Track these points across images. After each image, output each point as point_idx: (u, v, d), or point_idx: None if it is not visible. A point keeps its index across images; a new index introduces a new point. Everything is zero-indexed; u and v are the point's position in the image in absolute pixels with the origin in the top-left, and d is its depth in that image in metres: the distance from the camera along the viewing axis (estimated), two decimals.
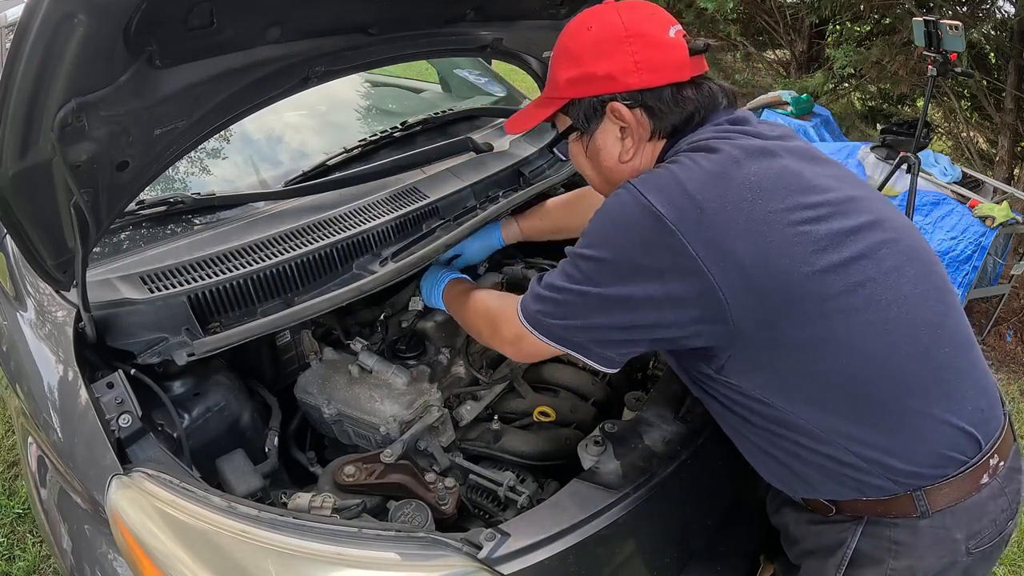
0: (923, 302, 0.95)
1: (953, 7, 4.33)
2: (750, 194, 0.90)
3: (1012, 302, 3.57)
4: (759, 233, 0.88)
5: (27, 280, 1.38)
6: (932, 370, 0.95)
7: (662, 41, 1.00)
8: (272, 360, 1.51)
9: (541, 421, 1.54)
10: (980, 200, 3.28)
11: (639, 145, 1.05)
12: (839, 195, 0.96)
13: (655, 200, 0.90)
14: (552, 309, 1.00)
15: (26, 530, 2.23)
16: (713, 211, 0.88)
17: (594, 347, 1.00)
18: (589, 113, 1.06)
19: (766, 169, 0.93)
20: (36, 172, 0.95)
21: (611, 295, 0.93)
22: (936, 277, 1.00)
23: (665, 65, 1.00)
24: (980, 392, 1.00)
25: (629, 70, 1.00)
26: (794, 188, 0.93)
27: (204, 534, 0.95)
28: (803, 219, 0.90)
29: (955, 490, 0.97)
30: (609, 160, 1.08)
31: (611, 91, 1.02)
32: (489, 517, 1.33)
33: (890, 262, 0.94)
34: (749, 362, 0.95)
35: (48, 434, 1.18)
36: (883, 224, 0.97)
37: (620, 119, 1.03)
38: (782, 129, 1.08)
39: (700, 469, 1.28)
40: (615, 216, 0.95)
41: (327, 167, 1.66)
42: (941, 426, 0.95)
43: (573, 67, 1.04)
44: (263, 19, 1.13)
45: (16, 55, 0.80)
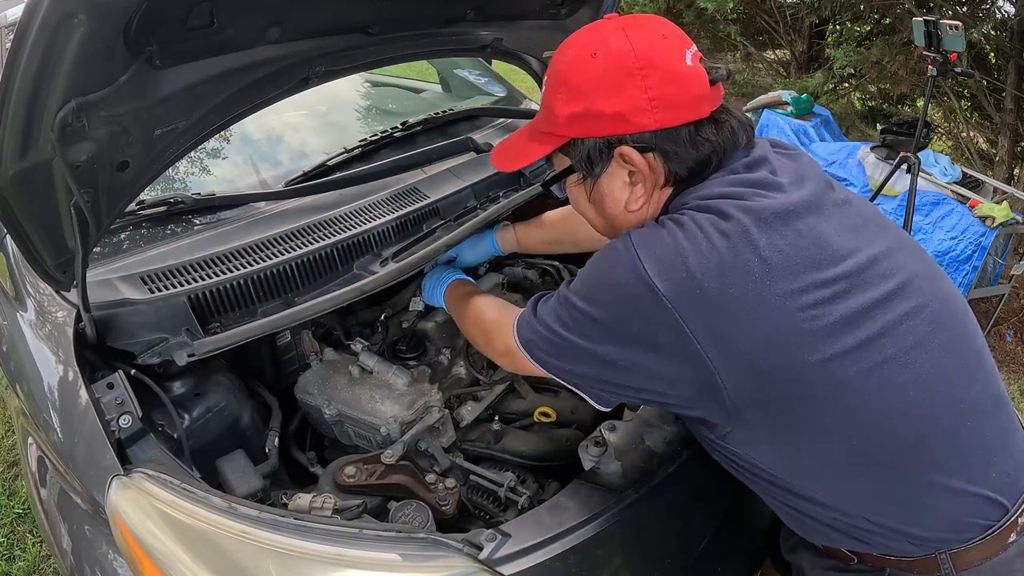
0: (946, 375, 0.88)
1: (953, 7, 4.33)
2: (759, 274, 0.80)
3: (1012, 302, 3.57)
4: (766, 320, 0.80)
5: (27, 280, 1.38)
6: (952, 447, 0.88)
7: (679, 72, 0.86)
8: (272, 360, 1.51)
9: (542, 422, 1.54)
10: (980, 200, 3.28)
11: (650, 192, 0.93)
12: (860, 260, 0.86)
13: (652, 272, 0.81)
14: (544, 345, 0.94)
15: (26, 530, 2.23)
16: (715, 292, 0.79)
17: (583, 386, 0.95)
18: (594, 156, 0.92)
19: (780, 241, 0.83)
20: (36, 172, 0.95)
21: (602, 354, 0.86)
22: (962, 342, 0.91)
23: (683, 101, 0.87)
24: (1007, 456, 0.93)
25: (642, 108, 0.86)
26: (809, 262, 0.83)
27: (204, 535, 0.95)
28: (817, 301, 0.81)
29: (981, 552, 0.91)
30: (614, 208, 0.96)
31: (620, 132, 0.88)
32: (490, 518, 1.33)
33: (912, 338, 0.85)
34: (751, 438, 0.89)
35: (48, 434, 1.18)
36: (908, 288, 0.87)
37: (630, 163, 0.90)
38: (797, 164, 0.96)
39: (701, 470, 1.28)
40: (610, 276, 0.86)
41: (327, 167, 1.66)
42: (960, 497, 0.89)
43: (575, 102, 0.90)
44: (263, 19, 1.13)
45: (16, 55, 0.80)
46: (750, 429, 0.87)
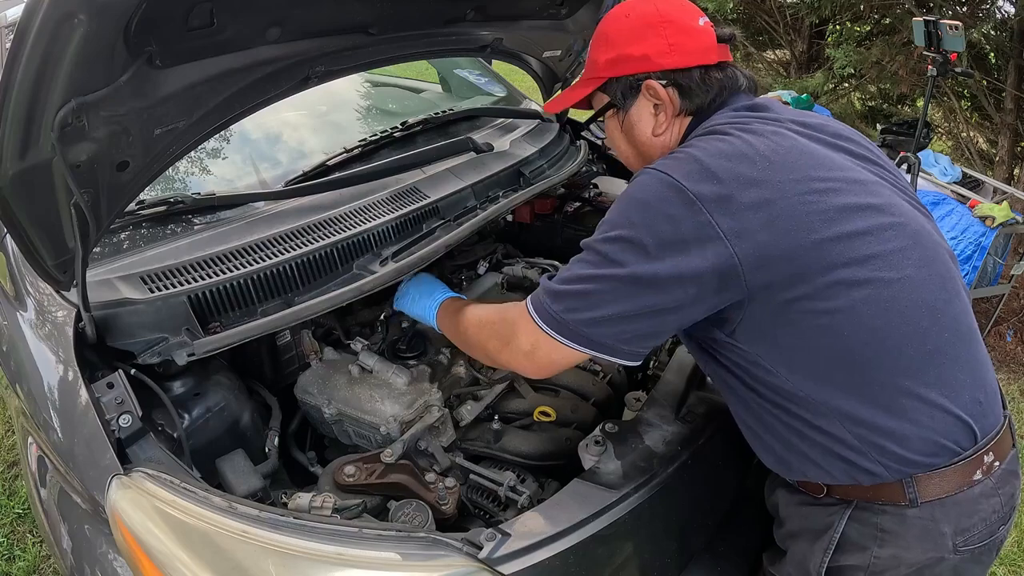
0: (926, 285, 0.97)
1: (953, 7, 4.33)
2: (760, 166, 0.94)
3: (1012, 302, 3.57)
4: (769, 201, 0.92)
5: (27, 280, 1.38)
6: (929, 353, 0.96)
7: (692, 27, 1.09)
8: (272, 360, 1.51)
9: (541, 421, 1.54)
10: (980, 200, 3.29)
11: (670, 121, 1.13)
12: (849, 175, 0.99)
13: (676, 175, 0.95)
14: (575, 303, 0.98)
15: (26, 530, 2.23)
16: (727, 181, 0.93)
17: (619, 344, 0.98)
18: (626, 91, 1.14)
19: (776, 145, 0.98)
20: (36, 172, 0.95)
21: (636, 275, 0.94)
22: (941, 265, 1.01)
23: (695, 49, 1.09)
24: (979, 384, 1.00)
25: (663, 51, 1.08)
26: (804, 163, 0.97)
27: (204, 534, 0.95)
28: (811, 190, 0.94)
29: (946, 482, 0.97)
30: (643, 134, 1.16)
31: (646, 70, 1.10)
32: (489, 517, 1.33)
33: (895, 243, 0.96)
34: (757, 328, 0.97)
35: (48, 434, 1.18)
36: (891, 208, 0.99)
37: (654, 96, 1.11)
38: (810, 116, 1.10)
39: (700, 469, 1.28)
40: (637, 196, 0.98)
41: (327, 167, 1.66)
42: (935, 410, 0.96)
43: (611, 49, 1.13)
44: (263, 19, 1.13)
45: (16, 55, 0.80)
46: (757, 317, 0.96)
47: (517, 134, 2.11)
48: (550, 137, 2.14)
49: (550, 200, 2.12)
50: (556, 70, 2.15)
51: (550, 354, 1.04)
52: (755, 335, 0.98)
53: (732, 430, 1.34)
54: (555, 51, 2.01)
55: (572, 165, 2.05)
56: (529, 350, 1.06)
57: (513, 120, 2.22)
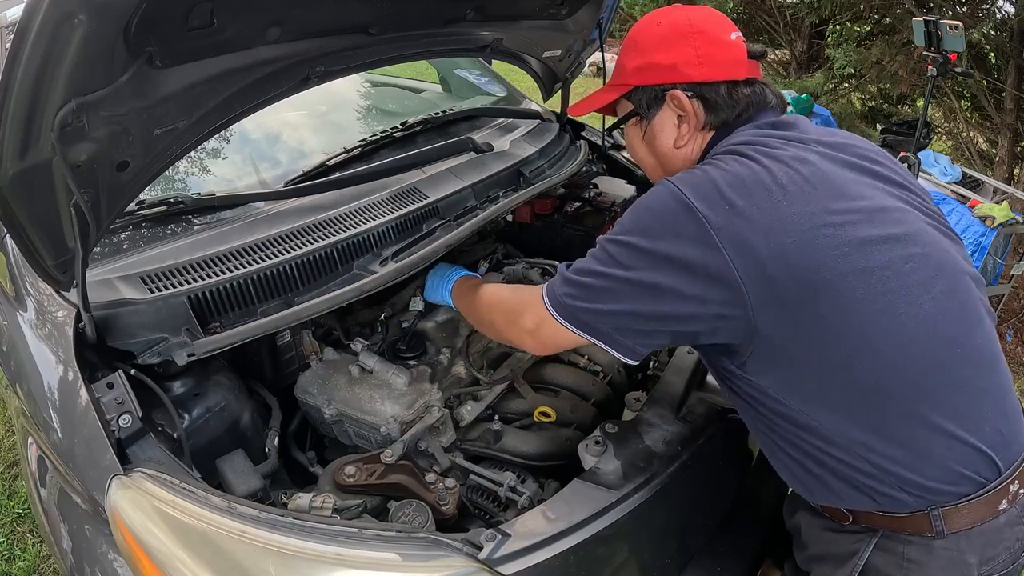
0: (945, 317, 0.95)
1: (953, 7, 4.33)
2: (776, 197, 0.92)
3: (1012, 302, 3.57)
4: (783, 232, 0.90)
5: (27, 280, 1.38)
6: (948, 386, 0.94)
7: (723, 40, 1.08)
8: (272, 360, 1.51)
9: (541, 421, 1.54)
10: (980, 200, 3.29)
11: (693, 133, 1.11)
12: (871, 204, 0.96)
13: (689, 194, 0.94)
14: (580, 292, 1.01)
15: (26, 530, 2.23)
16: (740, 208, 0.92)
17: (617, 336, 1.00)
18: (651, 100, 1.13)
19: (795, 174, 0.95)
20: (36, 172, 0.94)
21: (639, 280, 0.95)
22: (963, 293, 0.99)
23: (724, 62, 1.08)
24: (1000, 413, 0.98)
25: (691, 62, 1.07)
26: (821, 194, 0.94)
27: (204, 534, 0.95)
28: (827, 223, 0.92)
29: (972, 513, 0.96)
30: (664, 145, 1.15)
31: (673, 80, 1.09)
32: (489, 517, 1.33)
33: (915, 277, 0.94)
34: (768, 360, 0.96)
35: (48, 434, 1.18)
36: (913, 238, 0.96)
37: (679, 107, 1.10)
38: (836, 135, 1.08)
39: (700, 469, 1.28)
40: (651, 206, 0.99)
41: (327, 167, 1.66)
42: (952, 442, 0.94)
43: (640, 56, 1.12)
44: (263, 19, 1.13)
45: (16, 55, 0.80)
46: (766, 351, 0.95)
47: (517, 134, 2.11)
48: (550, 137, 2.14)
49: (550, 200, 2.12)
50: (556, 70, 2.15)
51: (552, 334, 1.07)
52: (765, 368, 0.97)
53: (732, 430, 1.34)
54: (555, 51, 2.01)
55: (572, 165, 2.05)
56: (533, 328, 1.10)
57: (513, 120, 2.22)
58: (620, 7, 2.32)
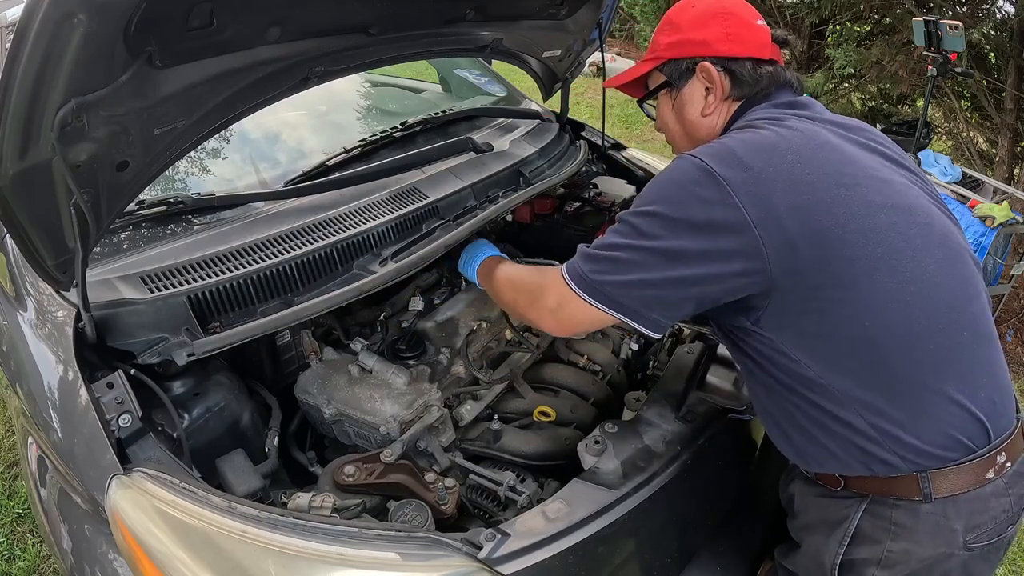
0: (947, 284, 1.00)
1: (953, 7, 4.33)
2: (791, 159, 0.99)
3: (1012, 302, 3.57)
4: (797, 192, 0.96)
5: (27, 280, 1.38)
6: (948, 349, 0.99)
7: (750, 23, 1.18)
8: (272, 360, 1.51)
9: (541, 421, 1.54)
10: (980, 200, 3.28)
11: (719, 103, 1.19)
12: (879, 174, 1.03)
13: (709, 160, 0.99)
14: (603, 267, 1.04)
15: (26, 530, 2.23)
16: (758, 171, 0.97)
17: (642, 309, 1.03)
18: (682, 71, 1.21)
19: (807, 142, 1.02)
20: (36, 172, 0.95)
21: (665, 248, 0.99)
22: (963, 266, 1.03)
23: (751, 41, 1.16)
24: (994, 384, 1.03)
25: (721, 39, 1.16)
26: (833, 160, 1.01)
27: (204, 534, 0.95)
28: (839, 183, 0.98)
29: (959, 479, 0.99)
30: (692, 114, 1.22)
31: (704, 54, 1.18)
32: (489, 517, 1.33)
33: (919, 241, 0.99)
34: (782, 316, 1.00)
35: (48, 434, 1.18)
36: (917, 210, 1.02)
37: (707, 79, 1.18)
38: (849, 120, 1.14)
39: (700, 469, 1.28)
40: (672, 177, 1.03)
41: (327, 167, 1.66)
42: (951, 405, 0.98)
43: (674, 33, 1.21)
44: (263, 19, 1.13)
45: (16, 55, 0.80)
46: (781, 304, 0.99)
47: (517, 134, 2.11)
48: (550, 137, 2.14)
49: (550, 200, 2.12)
50: (556, 70, 2.15)
51: (574, 313, 1.09)
52: (779, 323, 1.01)
53: (732, 430, 1.34)
54: (555, 51, 2.02)
55: (572, 165, 2.05)
56: (555, 307, 1.12)
57: (513, 120, 2.22)
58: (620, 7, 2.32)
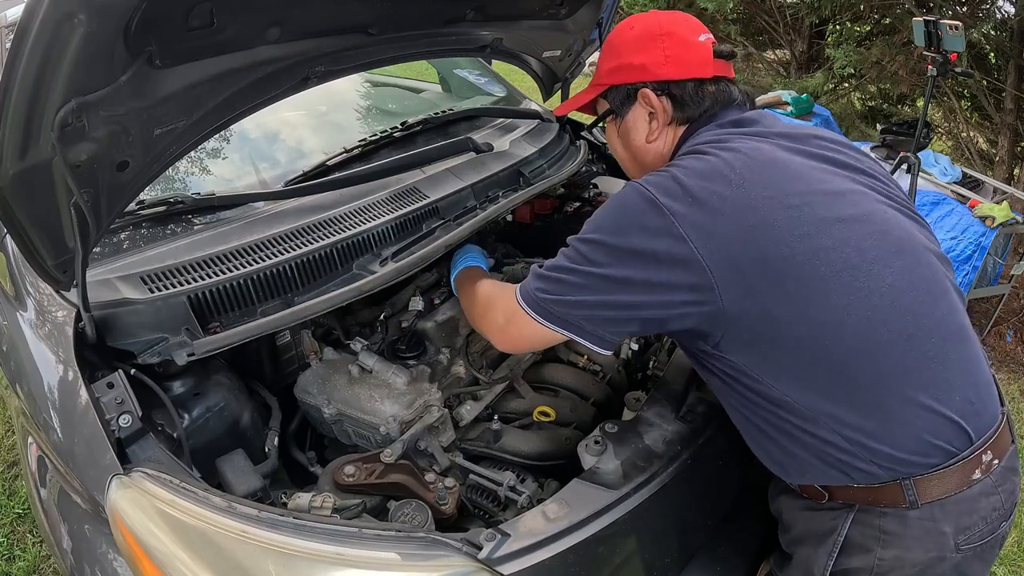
0: (907, 292, 0.99)
1: (953, 7, 4.33)
2: (735, 184, 0.98)
3: (1012, 302, 3.57)
4: (742, 219, 0.95)
5: (27, 280, 1.38)
6: (915, 357, 0.98)
7: (691, 42, 1.15)
8: (272, 360, 1.51)
9: (541, 421, 1.54)
10: (980, 200, 3.28)
11: (663, 128, 1.19)
12: (828, 187, 1.02)
13: (653, 190, 0.99)
14: (550, 287, 1.06)
15: (26, 530, 2.23)
16: (703, 201, 0.97)
17: (587, 325, 1.04)
18: (623, 98, 1.21)
19: (752, 162, 1.01)
20: (36, 172, 0.95)
21: (609, 275, 0.99)
22: (925, 269, 1.02)
23: (691, 61, 1.14)
24: (970, 385, 1.01)
25: (659, 62, 1.14)
26: (778, 178, 1.00)
27: (204, 534, 0.95)
28: (785, 205, 0.97)
29: (945, 483, 0.98)
30: (638, 140, 1.22)
31: (643, 80, 1.17)
32: (489, 517, 1.33)
33: (874, 253, 0.98)
34: (740, 339, 1.00)
35: (48, 434, 1.18)
36: (870, 218, 1.01)
37: (648, 104, 1.17)
38: (799, 128, 1.13)
39: (700, 469, 1.28)
40: (617, 204, 1.04)
41: (327, 167, 1.66)
42: (922, 411, 0.97)
43: (614, 58, 1.20)
44: (263, 19, 1.13)
45: (16, 55, 0.80)
46: (737, 330, 0.99)
47: (517, 134, 2.11)
48: (550, 137, 2.14)
49: (550, 200, 2.12)
50: (556, 70, 2.15)
51: (522, 328, 1.11)
52: (738, 347, 1.01)
53: (732, 430, 1.34)
54: (555, 51, 2.01)
55: (572, 165, 2.05)
56: (503, 322, 1.16)
57: (513, 120, 2.22)
58: (620, 7, 2.32)
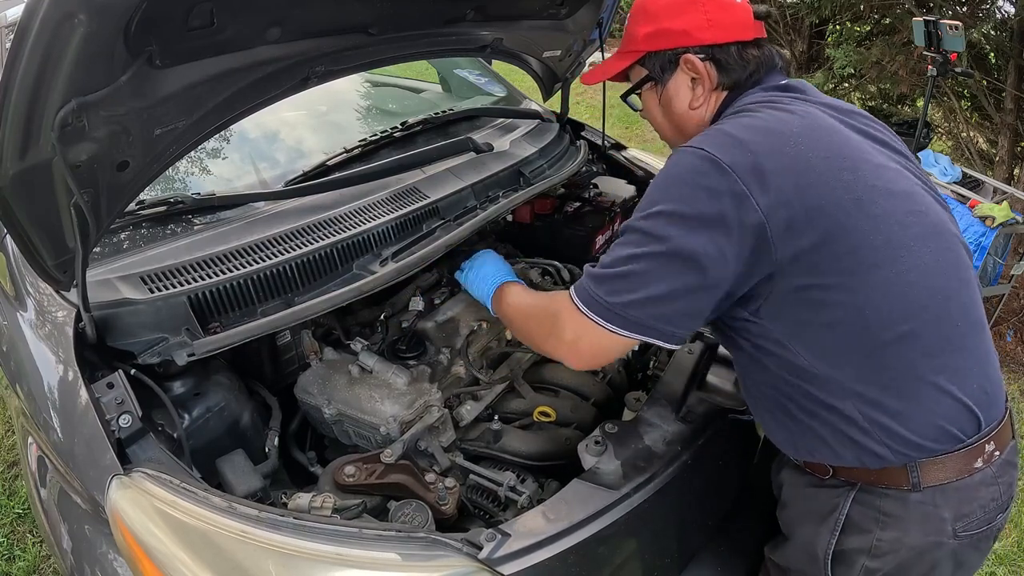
0: (941, 273, 0.99)
1: (953, 7, 4.33)
2: (794, 143, 0.96)
3: (1012, 302, 3.57)
4: (801, 173, 0.94)
5: (27, 280, 1.38)
6: (941, 338, 0.98)
7: (730, 3, 1.12)
8: (272, 360, 1.51)
9: (541, 421, 1.54)
10: (980, 200, 3.28)
11: (707, 94, 1.15)
12: (874, 160, 1.01)
13: (711, 149, 0.96)
14: (617, 285, 0.98)
15: (26, 530, 2.23)
16: (762, 154, 0.94)
17: (666, 326, 0.99)
18: (664, 64, 1.16)
19: (808, 124, 0.99)
20: (36, 172, 0.95)
21: (679, 249, 0.94)
22: (955, 256, 1.03)
23: (733, 24, 1.11)
24: (984, 374, 1.03)
25: (702, 26, 1.11)
26: (834, 142, 0.98)
27: (204, 534, 0.95)
28: (840, 167, 0.96)
29: (948, 468, 0.99)
30: (680, 107, 1.17)
31: (685, 44, 1.12)
32: (489, 517, 1.33)
33: (915, 230, 0.98)
34: (781, 305, 0.98)
35: (48, 434, 1.18)
36: (912, 197, 1.01)
37: (693, 70, 1.13)
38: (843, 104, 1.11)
39: (700, 469, 1.28)
40: (675, 172, 1.00)
41: (327, 167, 1.66)
42: (942, 395, 0.97)
43: (651, 23, 1.15)
44: (263, 19, 1.13)
45: (16, 55, 0.80)
46: (782, 293, 0.97)
47: (517, 134, 2.11)
48: (550, 137, 2.14)
49: (550, 200, 2.12)
50: (556, 70, 2.14)
51: (594, 343, 1.03)
52: (778, 312, 0.99)
53: (732, 430, 1.34)
54: (555, 51, 2.01)
55: (572, 165, 2.05)
56: (573, 339, 1.05)
57: (513, 120, 2.22)
58: (620, 7, 2.32)
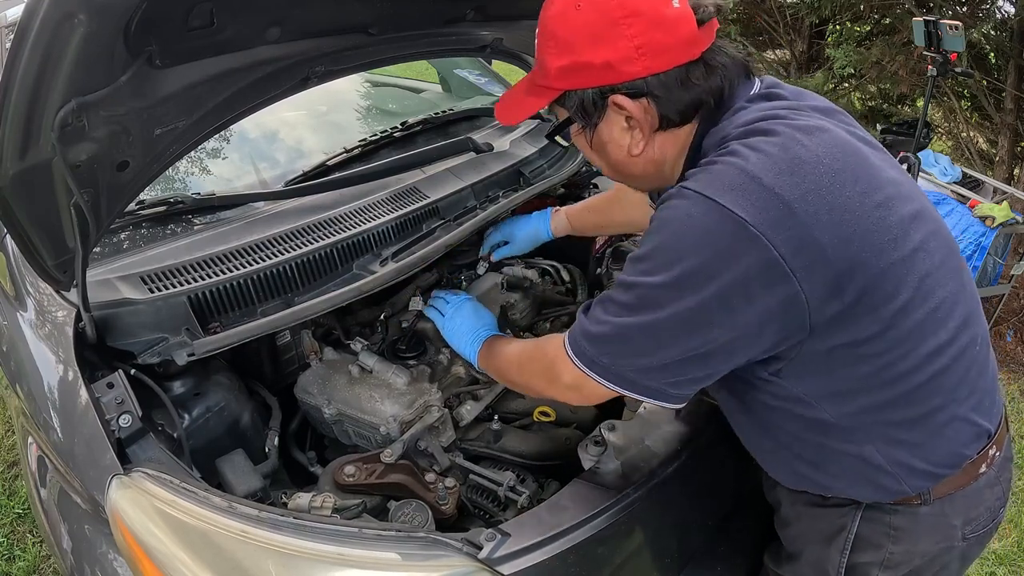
0: (960, 298, 0.91)
1: (953, 7, 4.33)
2: (825, 176, 0.80)
3: (1012, 302, 3.57)
4: (842, 222, 0.79)
5: (27, 280, 1.38)
6: (964, 369, 0.92)
7: (665, 17, 0.85)
8: (272, 360, 1.51)
9: (541, 421, 1.54)
10: (980, 200, 3.28)
11: (648, 137, 0.93)
12: (888, 176, 0.87)
13: (731, 203, 0.77)
14: (615, 348, 0.88)
15: (26, 530, 2.23)
16: (797, 202, 0.77)
17: (666, 387, 0.89)
18: (589, 106, 0.92)
19: (830, 147, 0.83)
20: (36, 172, 0.95)
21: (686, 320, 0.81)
22: (964, 271, 0.96)
23: (671, 46, 0.86)
24: (995, 389, 1.02)
25: (630, 57, 0.86)
26: (862, 167, 0.84)
27: (204, 534, 0.95)
28: (876, 203, 0.82)
29: (956, 480, 0.98)
30: (618, 153, 0.96)
31: (611, 82, 0.88)
32: (489, 517, 1.33)
33: (938, 256, 0.88)
34: (810, 366, 0.88)
35: (48, 434, 1.18)
36: (924, 213, 0.89)
37: (624, 110, 0.90)
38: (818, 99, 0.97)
39: (700, 469, 1.28)
40: (681, 230, 0.81)
41: (327, 167, 1.66)
42: (964, 424, 0.95)
43: (564, 55, 0.89)
44: (263, 19, 1.13)
45: (16, 55, 0.80)
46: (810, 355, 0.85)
47: (517, 134, 2.11)
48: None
49: (550, 200, 2.12)
50: None
51: (595, 390, 0.94)
52: (804, 372, 0.88)
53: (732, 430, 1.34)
54: None
55: (572, 165, 2.05)
56: (573, 385, 0.98)
57: None
58: None
